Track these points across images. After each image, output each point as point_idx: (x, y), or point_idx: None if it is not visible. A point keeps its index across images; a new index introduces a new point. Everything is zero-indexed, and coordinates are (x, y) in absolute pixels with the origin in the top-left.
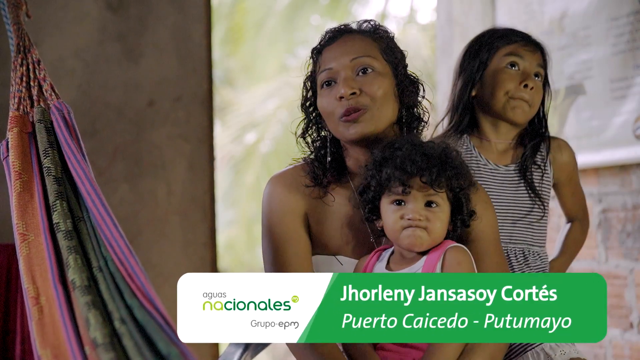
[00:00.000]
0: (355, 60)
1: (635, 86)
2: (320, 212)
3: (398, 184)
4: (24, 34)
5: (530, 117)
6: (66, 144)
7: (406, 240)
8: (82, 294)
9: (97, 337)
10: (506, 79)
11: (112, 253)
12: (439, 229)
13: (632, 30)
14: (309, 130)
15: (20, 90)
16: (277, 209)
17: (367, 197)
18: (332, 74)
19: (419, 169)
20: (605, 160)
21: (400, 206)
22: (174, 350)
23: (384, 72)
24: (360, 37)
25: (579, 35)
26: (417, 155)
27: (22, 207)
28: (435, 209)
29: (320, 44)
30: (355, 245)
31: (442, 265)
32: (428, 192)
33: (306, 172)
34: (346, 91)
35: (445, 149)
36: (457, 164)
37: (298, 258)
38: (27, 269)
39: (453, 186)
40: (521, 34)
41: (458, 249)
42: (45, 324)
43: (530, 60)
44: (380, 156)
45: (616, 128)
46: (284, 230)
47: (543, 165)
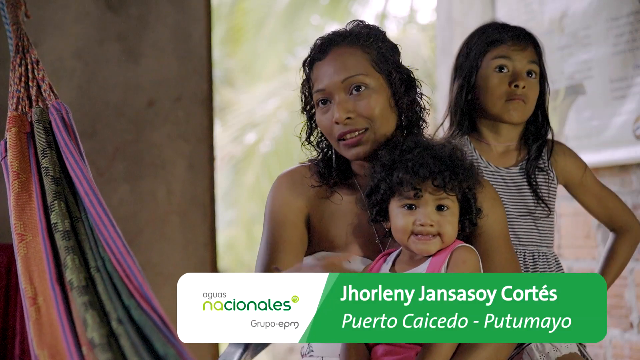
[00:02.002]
0: (347, 81)
1: (635, 86)
2: (326, 211)
3: (410, 188)
4: (22, 34)
5: (528, 114)
6: (64, 144)
7: (417, 246)
8: (79, 295)
9: (94, 338)
10: (496, 84)
11: (109, 253)
12: (450, 232)
13: (632, 30)
14: (313, 133)
15: (18, 90)
16: (279, 203)
17: (375, 199)
18: (325, 95)
19: (432, 173)
20: (605, 160)
21: (411, 210)
22: (171, 351)
23: (377, 86)
24: (350, 50)
25: (579, 35)
26: (428, 158)
27: (20, 207)
28: (445, 212)
29: (310, 56)
30: (361, 244)
31: (448, 265)
32: (439, 196)
33: (312, 172)
34: (341, 116)
35: (453, 150)
36: (467, 165)
37: (292, 241)
38: (25, 269)
39: (463, 188)
40: (511, 31)
41: (465, 249)
42: (42, 324)
43: (519, 59)
44: (390, 159)
45: (616, 128)
46: (282, 219)
47: (546, 168)
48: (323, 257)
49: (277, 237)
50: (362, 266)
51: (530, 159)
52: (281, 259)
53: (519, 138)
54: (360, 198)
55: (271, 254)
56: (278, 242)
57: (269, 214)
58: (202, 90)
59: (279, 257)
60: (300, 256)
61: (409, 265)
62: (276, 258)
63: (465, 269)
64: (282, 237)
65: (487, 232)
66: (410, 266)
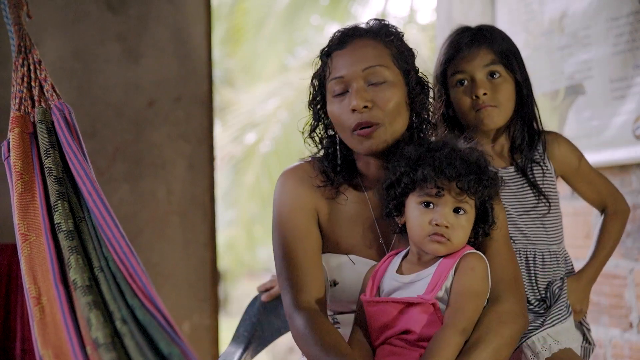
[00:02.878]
0: (368, 70)
1: (635, 86)
2: (331, 211)
3: (433, 185)
4: (25, 35)
5: (504, 116)
6: (67, 144)
7: (430, 246)
8: (83, 294)
9: (98, 337)
10: (460, 98)
11: (113, 253)
12: (461, 236)
13: (632, 30)
14: (316, 129)
15: (21, 90)
16: (288, 204)
17: (395, 192)
18: (343, 82)
19: (457, 174)
20: (605, 160)
21: (429, 209)
22: (175, 350)
23: (395, 81)
24: (371, 42)
25: (579, 35)
26: (456, 159)
27: (24, 207)
28: (462, 216)
29: (329, 46)
30: (365, 245)
31: (456, 270)
32: (460, 198)
33: (317, 171)
34: (359, 104)
35: (480, 156)
36: (492, 173)
37: (308, 254)
38: (29, 269)
39: (485, 195)
40: (465, 39)
41: (474, 256)
42: (46, 324)
43: (474, 67)
44: (416, 155)
45: (616, 128)
46: (295, 226)
47: (542, 162)
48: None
49: (294, 252)
50: (367, 268)
51: (523, 155)
52: (302, 252)
53: (509, 136)
54: (364, 197)
55: (291, 248)
56: (296, 257)
57: (280, 223)
58: (202, 90)
59: (299, 251)
60: (319, 264)
61: (417, 266)
62: (296, 252)
63: (474, 277)
64: (297, 252)
65: (491, 237)
66: (419, 268)
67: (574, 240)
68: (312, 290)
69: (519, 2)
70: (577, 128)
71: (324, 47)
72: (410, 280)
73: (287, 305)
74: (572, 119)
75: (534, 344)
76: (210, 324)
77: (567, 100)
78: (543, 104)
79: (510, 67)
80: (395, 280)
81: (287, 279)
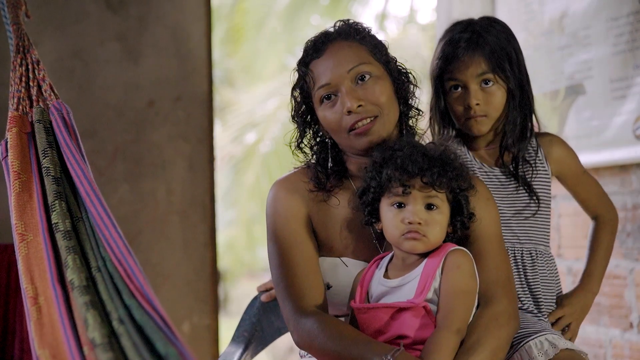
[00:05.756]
0: (352, 71)
1: (635, 86)
2: (323, 215)
3: (398, 184)
4: (23, 34)
5: (492, 123)
6: (65, 144)
7: (407, 245)
8: (80, 294)
9: (95, 337)
10: (454, 103)
11: (110, 253)
12: (437, 232)
13: (632, 30)
14: (304, 139)
15: (19, 90)
16: (281, 214)
17: (367, 199)
18: (331, 88)
19: (420, 169)
20: (605, 160)
21: (401, 209)
22: (172, 350)
23: (380, 74)
24: (347, 43)
25: (579, 35)
26: (418, 155)
27: (21, 207)
28: (435, 211)
29: (305, 56)
30: (358, 247)
31: (442, 269)
32: (429, 193)
33: (309, 177)
34: (352, 104)
35: (444, 150)
36: (458, 165)
37: (305, 261)
38: (26, 269)
39: (453, 187)
40: (462, 41)
41: (458, 252)
42: (43, 323)
43: (470, 74)
44: (380, 157)
45: (616, 128)
46: (289, 234)
47: (533, 162)
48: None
49: (291, 260)
50: (359, 269)
51: (515, 157)
52: (298, 259)
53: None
54: (355, 200)
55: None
56: (294, 265)
57: (275, 233)
58: (202, 90)
59: (296, 258)
60: (317, 270)
61: (402, 270)
62: (293, 259)
63: (461, 275)
64: (295, 260)
65: (481, 234)
66: (404, 271)
67: (574, 240)
68: (315, 296)
69: (519, 2)
70: (577, 128)
71: (300, 58)
72: (397, 284)
73: (289, 314)
74: (572, 119)
75: (531, 348)
76: (210, 324)
77: (567, 100)
78: (543, 104)
79: (504, 74)
80: (382, 285)
81: (287, 287)
